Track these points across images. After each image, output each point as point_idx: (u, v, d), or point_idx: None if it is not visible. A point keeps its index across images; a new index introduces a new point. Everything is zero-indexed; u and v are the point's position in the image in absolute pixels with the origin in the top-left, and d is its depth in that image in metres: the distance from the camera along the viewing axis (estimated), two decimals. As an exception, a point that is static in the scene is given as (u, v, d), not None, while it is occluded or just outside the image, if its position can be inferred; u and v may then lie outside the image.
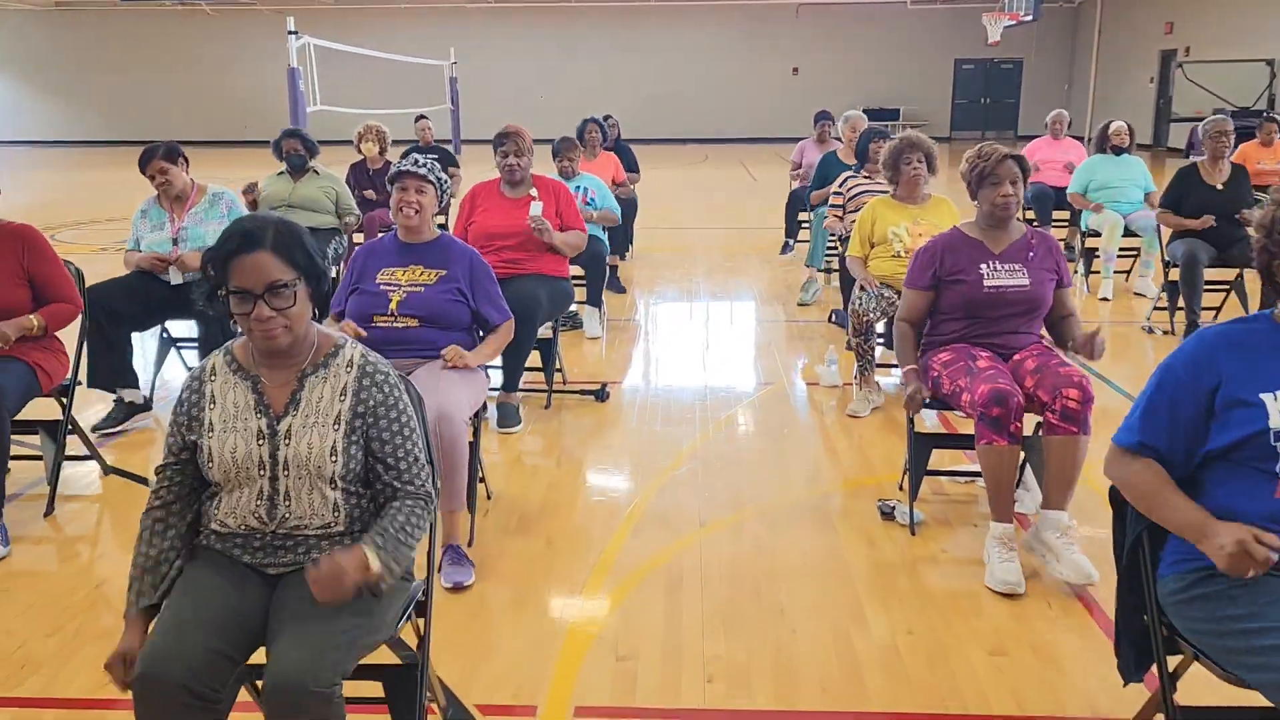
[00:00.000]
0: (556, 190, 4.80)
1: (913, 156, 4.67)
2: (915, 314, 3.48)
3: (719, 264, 8.75)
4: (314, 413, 1.97)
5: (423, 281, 3.41)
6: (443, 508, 3.16)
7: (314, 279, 1.97)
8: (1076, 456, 3.06)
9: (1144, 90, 23.32)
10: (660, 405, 4.89)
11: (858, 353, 4.65)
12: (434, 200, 3.47)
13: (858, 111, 7.48)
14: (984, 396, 3.04)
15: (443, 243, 3.53)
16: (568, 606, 2.99)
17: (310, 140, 6.32)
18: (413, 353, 3.34)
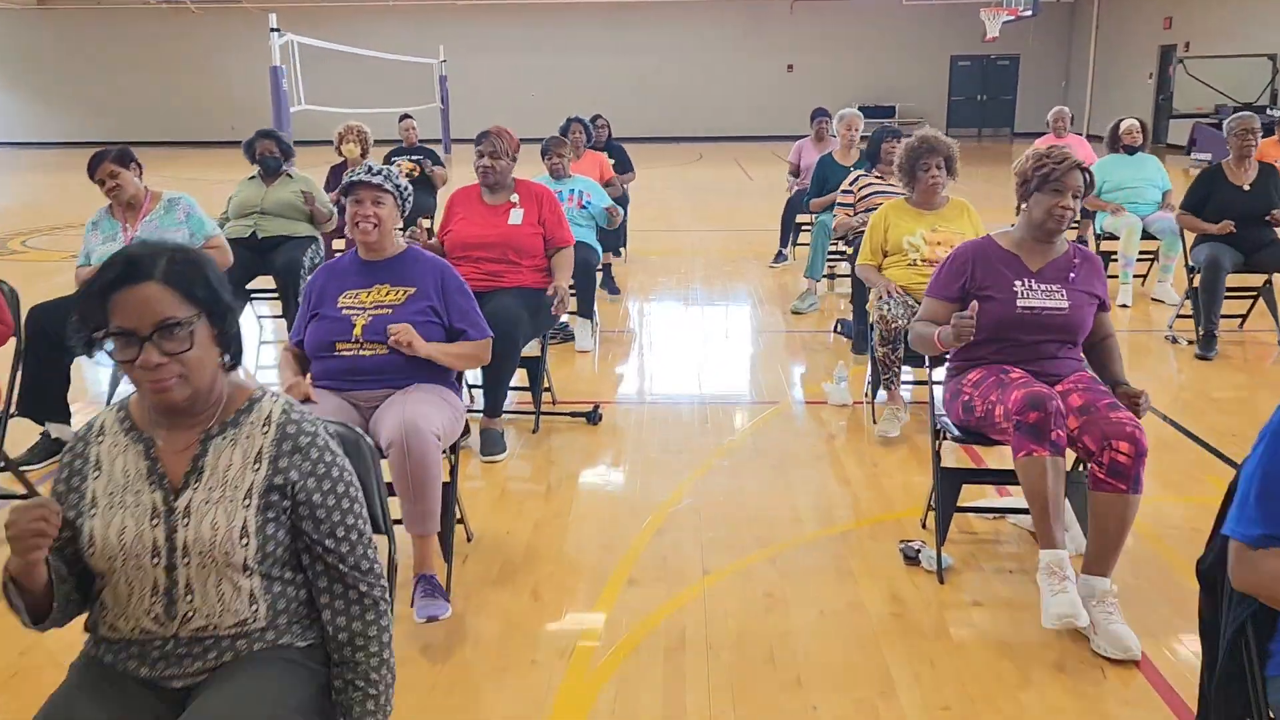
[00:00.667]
0: (540, 197, 4.44)
1: (931, 161, 4.32)
2: (935, 319, 3.13)
3: (716, 268, 8.40)
4: (220, 484, 1.59)
5: (390, 302, 3.04)
6: (411, 531, 2.84)
7: (219, 316, 1.59)
8: (1125, 517, 2.71)
9: (1142, 86, 23.01)
10: (657, 428, 4.53)
11: (883, 364, 4.30)
12: (394, 211, 3.10)
13: (853, 109, 7.13)
14: (1019, 402, 2.70)
15: (409, 256, 3.16)
16: (555, 674, 2.63)
17: (286, 142, 5.94)
18: (382, 382, 2.98)
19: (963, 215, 4.50)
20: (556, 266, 4.44)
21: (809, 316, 6.63)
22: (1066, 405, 2.87)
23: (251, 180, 5.93)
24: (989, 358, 3.02)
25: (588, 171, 7.06)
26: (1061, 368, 3.01)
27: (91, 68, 26.37)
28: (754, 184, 15.42)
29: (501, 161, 4.32)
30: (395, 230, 3.16)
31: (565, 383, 5.20)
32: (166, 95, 26.32)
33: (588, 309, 5.85)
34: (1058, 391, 2.94)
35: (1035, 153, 3.02)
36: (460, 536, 3.36)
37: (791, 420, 4.62)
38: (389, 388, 2.96)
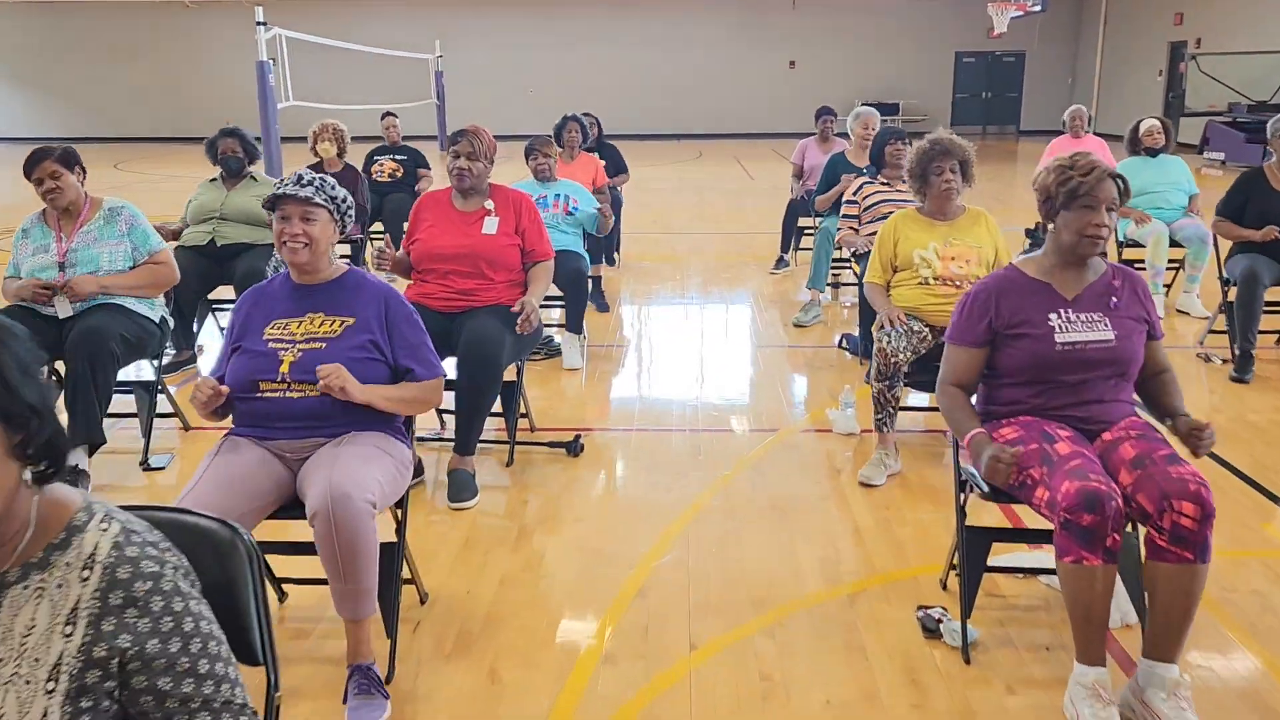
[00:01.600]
0: (518, 204, 4.00)
1: (944, 165, 3.88)
2: (966, 377, 2.68)
3: (714, 274, 7.96)
4: (13, 656, 1.16)
5: (323, 334, 2.60)
6: (342, 615, 2.40)
7: (18, 420, 1.16)
8: (1192, 591, 2.27)
9: (1152, 84, 22.53)
10: (644, 460, 4.10)
11: (878, 401, 3.86)
12: (329, 228, 2.66)
13: (869, 108, 6.67)
14: (1071, 498, 2.26)
15: (349, 281, 2.72)
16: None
17: (251, 141, 5.50)
18: (311, 430, 2.54)
19: (979, 225, 4.06)
20: (532, 279, 4.01)
21: (812, 330, 6.20)
22: (1117, 456, 2.44)
23: (212, 183, 5.50)
24: (1026, 402, 2.58)
25: (580, 176, 6.63)
26: (1111, 411, 2.56)
27: (80, 62, 25.92)
28: (755, 183, 14.98)
29: (478, 164, 3.90)
30: (332, 249, 2.72)
31: (547, 406, 4.77)
32: (157, 90, 25.86)
33: (577, 323, 5.41)
34: (1106, 441, 2.51)
35: (1058, 164, 2.58)
36: (411, 598, 2.93)
37: (793, 452, 4.18)
38: (320, 436, 2.53)
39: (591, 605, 2.95)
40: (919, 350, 3.90)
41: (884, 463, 3.83)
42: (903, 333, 3.81)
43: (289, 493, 2.53)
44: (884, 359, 3.79)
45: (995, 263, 3.94)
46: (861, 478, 3.79)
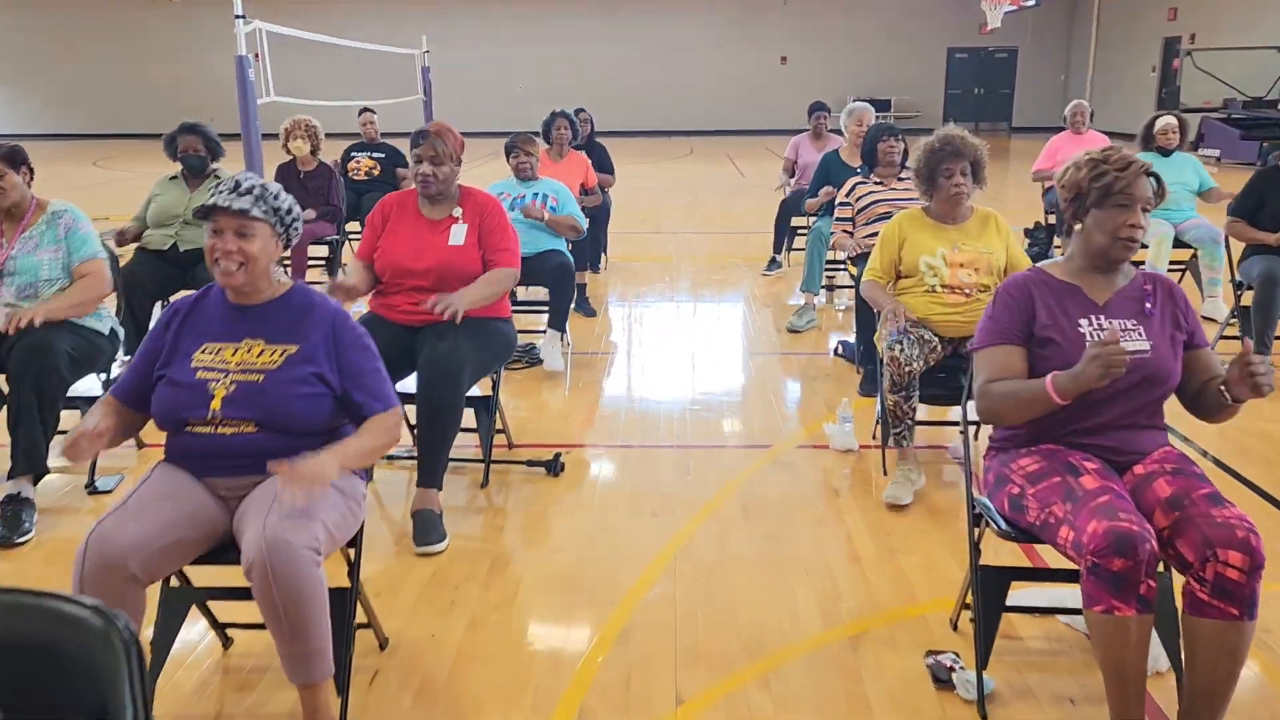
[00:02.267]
0: (484, 209, 3.69)
1: (954, 167, 3.62)
2: (1010, 372, 2.33)
3: (704, 276, 7.69)
4: None
5: (262, 365, 2.29)
6: (294, 681, 2.12)
7: None
8: (1238, 651, 2.02)
9: (1145, 80, 22.33)
10: (629, 480, 3.83)
11: (894, 415, 3.60)
12: (270, 244, 2.34)
13: (863, 103, 6.40)
14: (1100, 539, 2.00)
15: (294, 301, 2.40)
16: None
17: (213, 137, 5.16)
18: (247, 468, 2.26)
19: (989, 228, 3.81)
20: (481, 279, 3.56)
21: (807, 335, 5.94)
22: (1151, 495, 2.18)
23: (174, 181, 5.19)
24: (1047, 428, 2.31)
25: (568, 176, 6.36)
26: (1144, 440, 2.30)
27: (63, 57, 25.49)
28: (746, 180, 14.71)
29: (444, 167, 3.57)
30: (274, 267, 2.40)
31: (526, 419, 4.50)
32: (141, 85, 25.46)
33: (560, 320, 5.14)
34: (1138, 475, 2.25)
35: (1089, 158, 2.31)
36: (369, 643, 2.66)
37: (787, 470, 3.92)
38: (259, 474, 2.25)
39: (569, 650, 2.68)
40: (929, 361, 3.64)
41: (909, 479, 3.58)
42: (914, 340, 3.55)
43: (224, 532, 2.26)
44: (898, 368, 3.53)
45: (1007, 269, 3.69)
46: (887, 498, 3.53)
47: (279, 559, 1.99)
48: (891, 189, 4.99)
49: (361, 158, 7.66)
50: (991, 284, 3.64)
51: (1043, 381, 2.19)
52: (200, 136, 5.08)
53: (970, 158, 3.62)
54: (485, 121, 24.81)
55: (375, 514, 3.55)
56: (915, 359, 3.51)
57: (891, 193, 4.99)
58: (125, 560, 2.02)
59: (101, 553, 2.02)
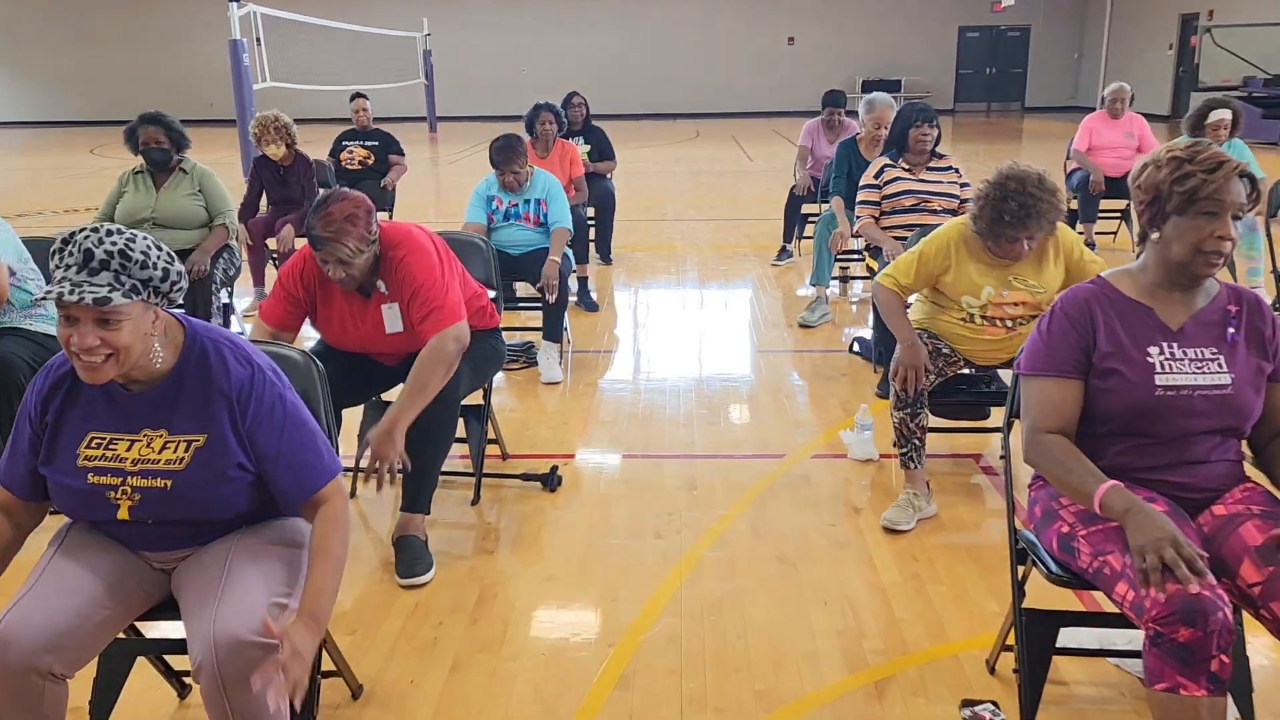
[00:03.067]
0: (401, 273, 2.97)
1: (1021, 235, 3.05)
2: (1065, 419, 2.03)
3: (711, 267, 7.39)
4: None
5: (166, 465, 1.84)
6: None
7: None
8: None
9: (1162, 58, 21.89)
10: (631, 497, 3.55)
11: (900, 433, 3.30)
12: (143, 321, 1.79)
13: (884, 96, 5.85)
14: (1164, 605, 1.70)
15: (189, 374, 1.88)
16: None
17: (178, 128, 4.80)
18: (178, 543, 1.95)
19: (1046, 260, 3.21)
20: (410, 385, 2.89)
21: (820, 331, 5.64)
22: (1237, 541, 1.88)
23: (138, 177, 4.83)
24: (1108, 460, 2.02)
25: (555, 168, 6.06)
26: (1218, 475, 2.00)
27: (60, 42, 25.19)
28: (754, 165, 14.37)
29: (356, 262, 2.85)
30: (155, 342, 1.84)
31: (521, 426, 4.22)
32: (141, 72, 25.13)
33: (556, 330, 4.85)
34: (1218, 517, 1.96)
35: (1171, 155, 1.97)
36: (340, 693, 2.39)
37: (802, 484, 3.63)
38: (191, 547, 1.96)
39: (563, 700, 2.41)
40: (944, 374, 3.34)
41: (913, 504, 3.27)
42: (927, 351, 3.25)
43: (160, 595, 1.98)
44: (903, 385, 3.23)
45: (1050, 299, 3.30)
46: (885, 522, 3.23)
47: (233, 668, 1.70)
48: (921, 179, 4.65)
49: (354, 146, 7.36)
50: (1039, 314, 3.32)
51: (1095, 486, 1.90)
52: (162, 127, 4.72)
53: (1051, 220, 3.05)
54: (487, 105, 24.49)
55: (359, 534, 3.28)
56: (925, 373, 3.21)
57: (921, 184, 4.65)
58: (37, 660, 1.72)
59: (6, 662, 1.70)
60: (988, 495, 3.55)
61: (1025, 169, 3.07)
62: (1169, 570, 1.72)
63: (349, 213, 2.81)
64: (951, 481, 3.63)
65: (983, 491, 3.58)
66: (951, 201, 4.65)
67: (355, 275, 2.90)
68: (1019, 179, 3.03)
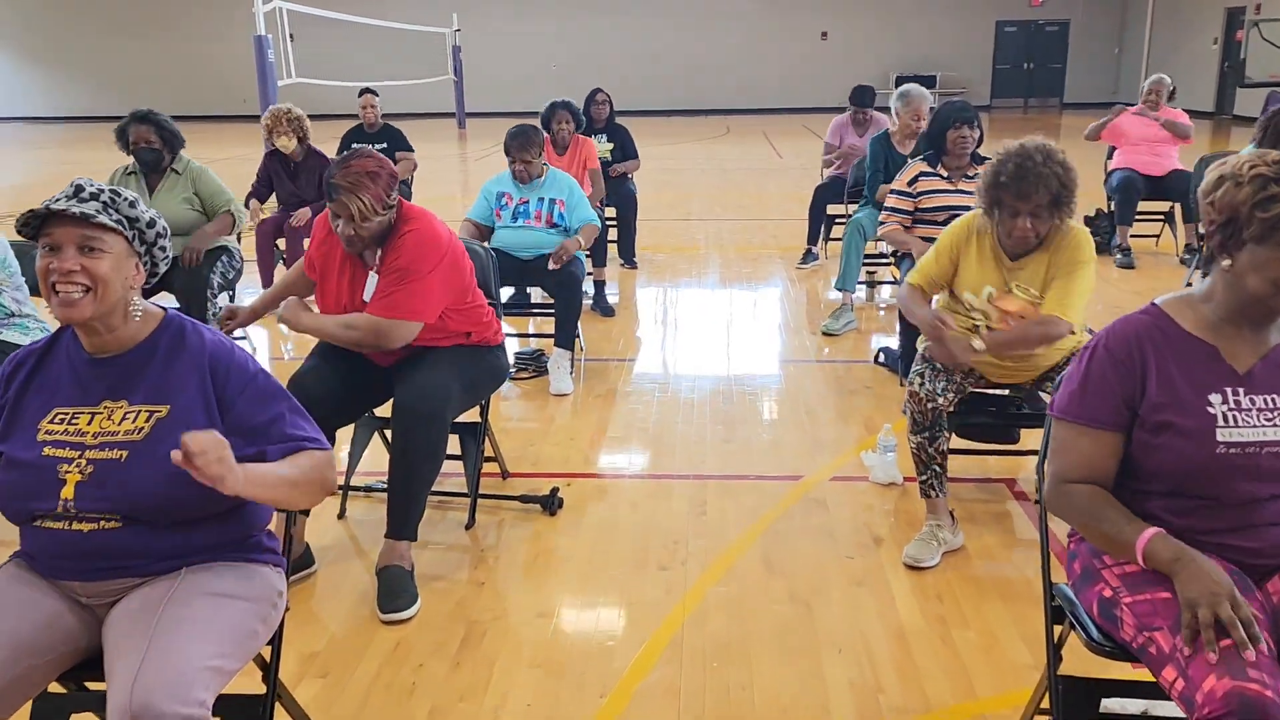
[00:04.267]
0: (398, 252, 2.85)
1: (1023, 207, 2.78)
2: (1097, 474, 1.78)
3: (734, 269, 7.14)
4: None
5: (124, 434, 1.74)
6: None
7: None
8: None
9: (1206, 53, 21.28)
10: (636, 523, 3.32)
11: (920, 460, 3.04)
12: (126, 264, 1.76)
13: (919, 88, 5.50)
14: (1219, 703, 1.45)
15: (161, 343, 1.82)
16: None
17: (171, 127, 4.60)
18: (113, 571, 1.75)
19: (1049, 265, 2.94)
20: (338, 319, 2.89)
21: (845, 339, 5.38)
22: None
23: (130, 177, 4.65)
24: (1162, 521, 1.75)
25: (569, 165, 5.85)
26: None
27: (97, 37, 25.34)
28: (783, 162, 14.09)
29: (368, 224, 2.75)
30: (134, 298, 1.80)
31: (525, 441, 4.01)
32: (176, 66, 25.22)
33: (568, 338, 4.63)
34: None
35: (1255, 172, 1.66)
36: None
37: (819, 510, 3.39)
38: (128, 577, 1.76)
39: (545, 760, 2.19)
40: (963, 390, 3.08)
41: (936, 537, 3.01)
42: (941, 371, 2.99)
43: (88, 648, 1.78)
44: (918, 405, 2.98)
45: None
46: (907, 558, 2.98)
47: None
48: (960, 189, 4.34)
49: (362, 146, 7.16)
50: None
51: (1135, 534, 1.66)
52: (153, 126, 4.52)
53: (1052, 191, 2.79)
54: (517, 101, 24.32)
55: (342, 563, 3.08)
56: (941, 393, 2.95)
57: (959, 195, 4.34)
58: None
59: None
60: (1019, 524, 3.30)
61: (1035, 139, 2.85)
62: (1222, 630, 1.48)
63: (371, 169, 2.75)
64: (981, 509, 3.38)
65: (1014, 520, 3.32)
66: None
67: (363, 237, 2.79)
68: (1020, 146, 2.82)
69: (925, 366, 3.00)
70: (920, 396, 2.96)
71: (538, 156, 4.66)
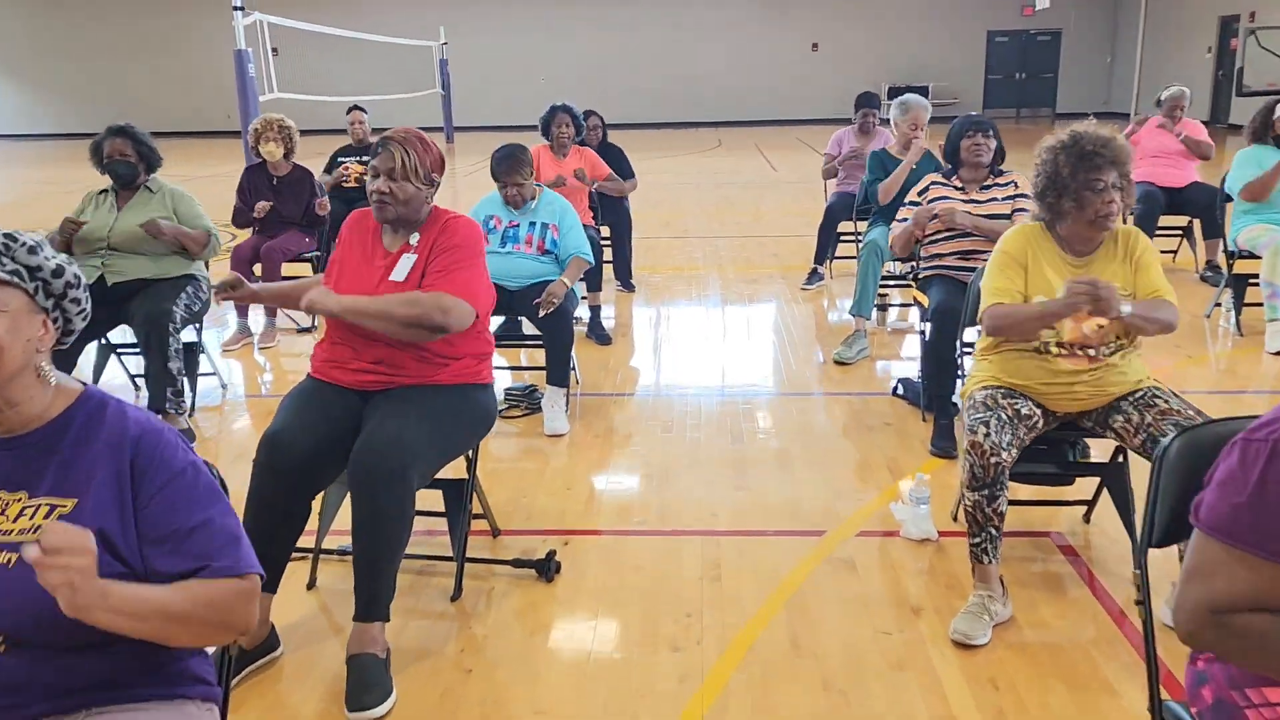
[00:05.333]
0: (443, 233, 2.74)
1: (1105, 179, 2.63)
2: (1264, 606, 1.35)
3: (736, 291, 6.81)
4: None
5: (18, 535, 1.42)
6: None
7: None
8: None
9: (1200, 61, 21.09)
10: (644, 590, 2.96)
11: (975, 521, 2.69)
12: (27, 324, 1.45)
13: (918, 98, 5.37)
14: None
15: (75, 422, 1.49)
16: None
17: (147, 143, 4.32)
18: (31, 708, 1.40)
19: (1119, 257, 2.78)
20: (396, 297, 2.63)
21: (858, 367, 5.04)
22: None
23: (102, 197, 4.35)
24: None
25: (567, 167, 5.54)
26: None
27: (76, 53, 24.94)
28: (778, 175, 13.78)
29: (407, 185, 2.66)
30: (44, 363, 1.49)
31: (516, 493, 3.65)
32: (159, 82, 24.86)
33: (561, 373, 4.28)
34: None
35: None
36: None
37: (847, 572, 3.03)
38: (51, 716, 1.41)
39: None
40: (1025, 441, 2.75)
41: (987, 609, 2.66)
42: (1006, 420, 2.66)
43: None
44: (980, 458, 2.64)
45: None
46: (955, 634, 2.63)
47: None
48: (971, 198, 4.08)
49: (351, 163, 6.82)
50: (1129, 343, 2.75)
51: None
52: (130, 140, 4.25)
53: (1121, 160, 2.67)
54: (506, 115, 24.01)
55: (313, 644, 2.71)
56: (1006, 446, 2.62)
57: (970, 203, 4.08)
58: None
59: None
60: (1069, 585, 2.95)
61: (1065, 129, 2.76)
62: None
63: (425, 139, 2.75)
64: (1025, 569, 3.03)
65: (1064, 582, 2.97)
66: (1001, 223, 4.07)
67: (397, 198, 2.67)
68: (1061, 135, 2.75)
69: (990, 415, 2.66)
70: (984, 450, 2.62)
71: (529, 177, 4.33)
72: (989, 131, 4.10)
